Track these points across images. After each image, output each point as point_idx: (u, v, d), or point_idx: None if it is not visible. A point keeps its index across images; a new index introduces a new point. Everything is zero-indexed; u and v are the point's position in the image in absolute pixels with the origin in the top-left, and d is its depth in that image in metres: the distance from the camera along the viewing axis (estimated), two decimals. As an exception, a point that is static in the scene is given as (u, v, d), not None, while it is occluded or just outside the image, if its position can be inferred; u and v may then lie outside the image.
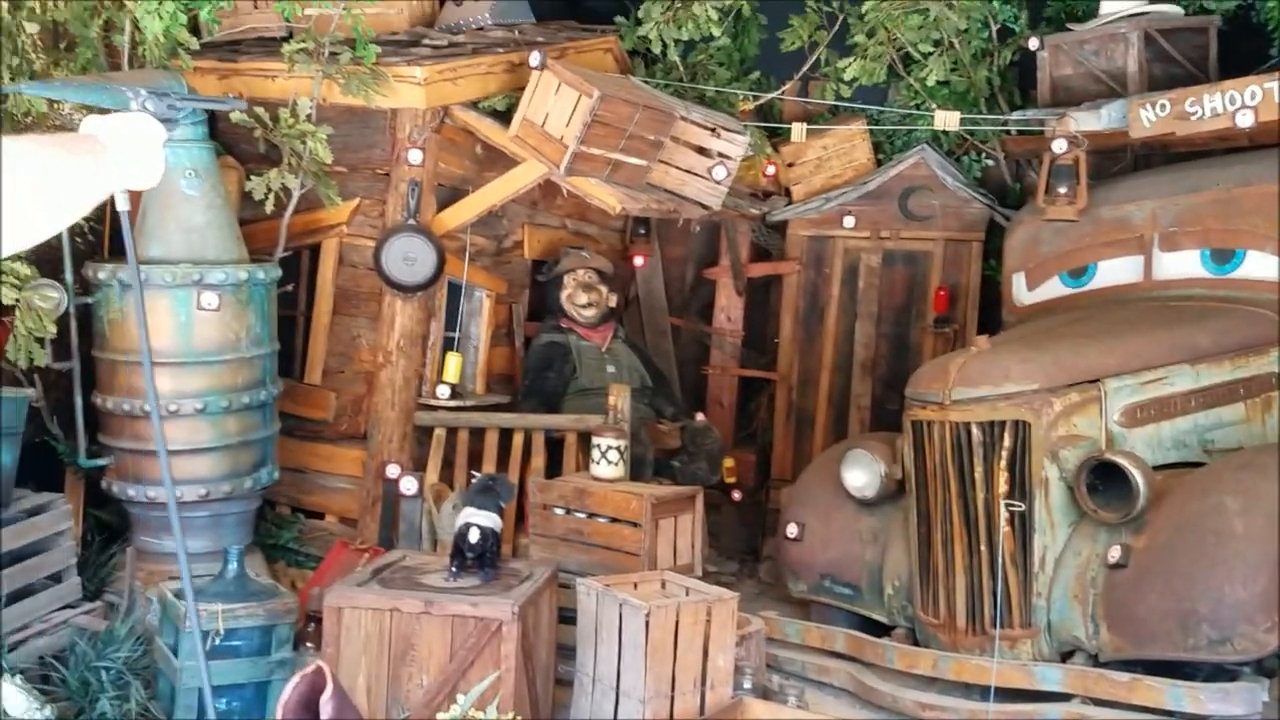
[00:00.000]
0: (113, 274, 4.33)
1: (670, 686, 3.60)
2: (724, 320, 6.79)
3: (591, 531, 4.41)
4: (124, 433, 4.44)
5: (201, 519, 4.49)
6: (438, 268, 4.83)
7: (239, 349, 4.44)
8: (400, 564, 3.85)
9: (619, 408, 4.77)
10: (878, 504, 4.65)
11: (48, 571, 4.14)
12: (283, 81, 4.75)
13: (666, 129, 4.99)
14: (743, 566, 6.21)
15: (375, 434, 4.88)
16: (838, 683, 4.47)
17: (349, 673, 3.48)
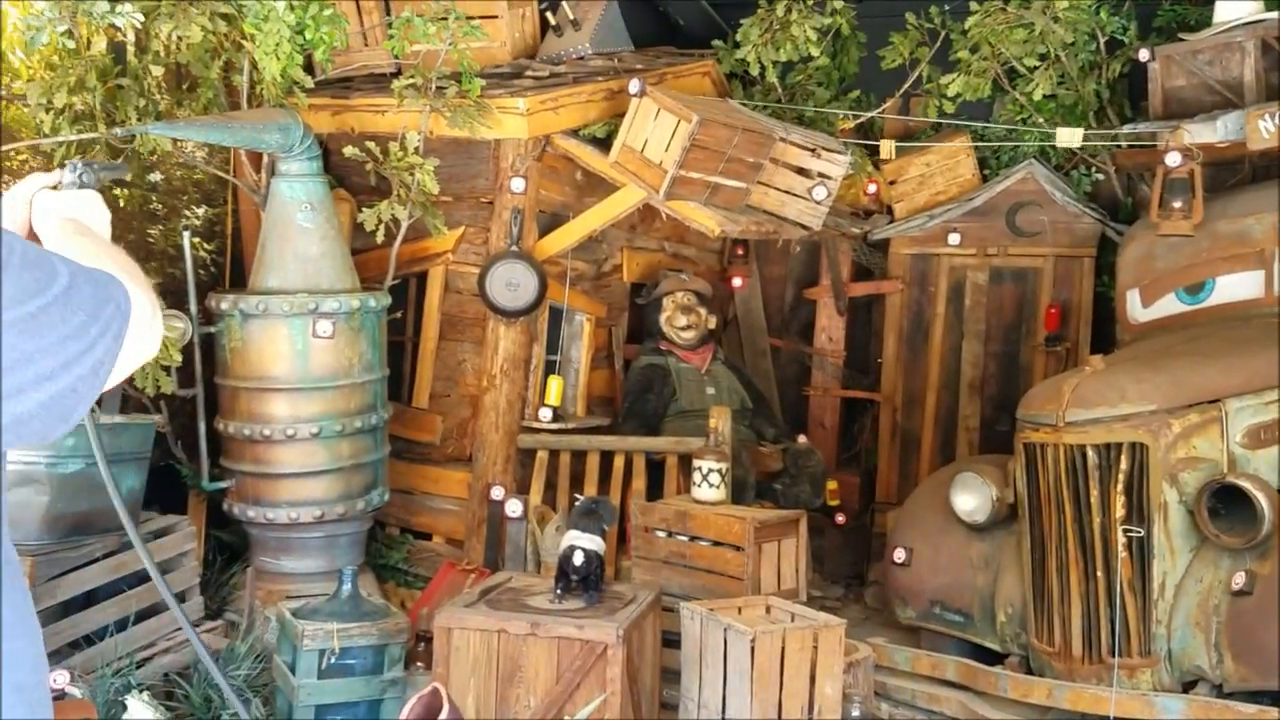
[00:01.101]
0: (234, 304, 4.50)
1: (777, 713, 3.57)
2: (825, 340, 6.73)
3: (694, 555, 4.41)
4: (245, 457, 4.59)
5: (316, 540, 4.61)
6: (539, 293, 4.90)
7: (352, 375, 4.57)
8: (507, 585, 3.90)
9: (719, 430, 4.76)
10: (989, 529, 4.54)
11: (173, 591, 4.28)
12: (392, 116, 4.89)
13: (765, 151, 4.99)
14: (848, 591, 6.12)
15: (480, 456, 4.97)
16: (949, 711, 4.37)
17: (458, 692, 3.54)
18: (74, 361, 1.14)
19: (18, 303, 1.08)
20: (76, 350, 1.14)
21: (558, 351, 5.31)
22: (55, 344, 1.11)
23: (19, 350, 1.08)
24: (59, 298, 1.13)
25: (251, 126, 4.41)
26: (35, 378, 1.10)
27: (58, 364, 1.12)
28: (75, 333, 1.14)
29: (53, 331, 1.11)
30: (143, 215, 4.78)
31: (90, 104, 4.27)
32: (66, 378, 1.13)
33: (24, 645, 1.20)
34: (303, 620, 3.80)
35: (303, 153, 4.54)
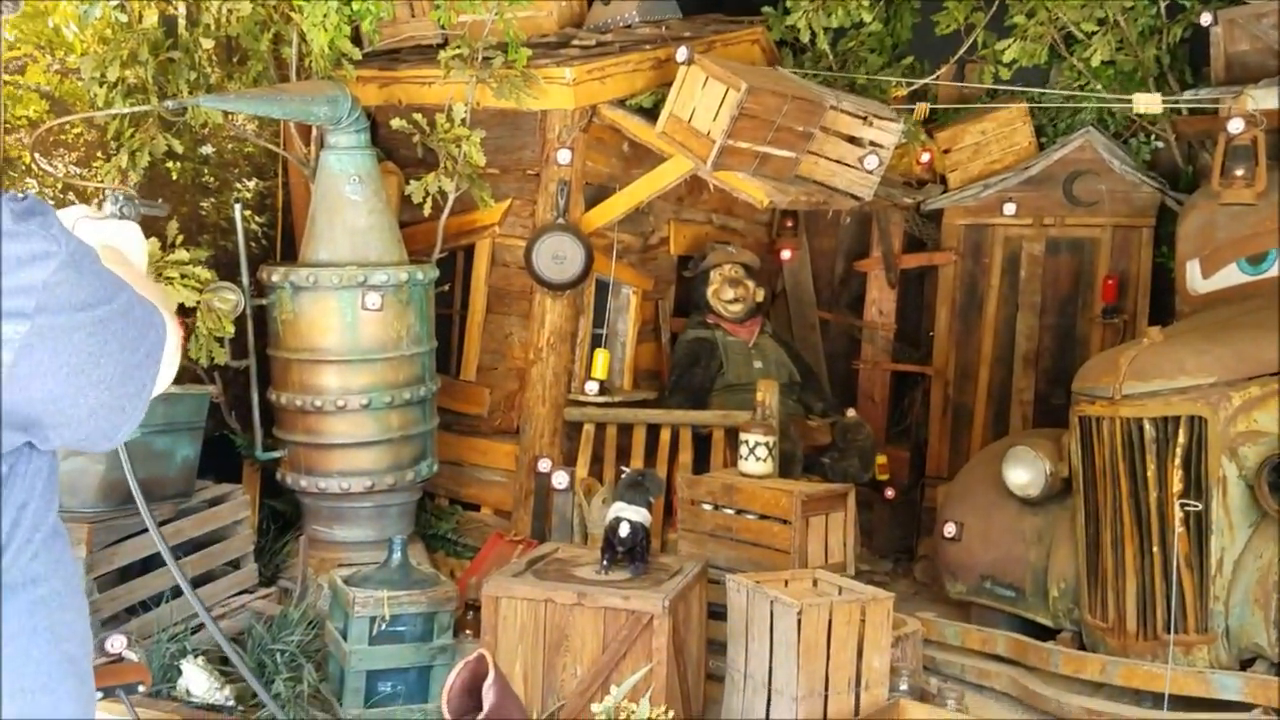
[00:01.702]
0: (285, 276, 4.53)
1: (824, 686, 3.55)
2: (875, 313, 6.65)
3: (740, 528, 4.39)
4: (297, 427, 4.64)
5: (367, 509, 4.66)
6: (586, 266, 4.89)
7: (400, 347, 4.59)
8: (554, 556, 3.91)
9: (767, 403, 4.73)
10: (1042, 503, 4.48)
11: (227, 558, 4.37)
12: (439, 87, 4.88)
13: (816, 119, 4.92)
14: (896, 566, 6.08)
15: (527, 429, 4.98)
16: (999, 687, 4.33)
17: (506, 660, 3.56)
18: (126, 376, 1.18)
19: (89, 306, 1.13)
20: (129, 364, 1.18)
21: (604, 325, 5.30)
22: (115, 353, 1.16)
23: (85, 352, 1.12)
24: (120, 311, 1.17)
25: (300, 99, 4.43)
26: (95, 381, 1.14)
27: (114, 374, 1.16)
28: (130, 346, 1.18)
29: (114, 341, 1.15)
30: (195, 188, 4.83)
31: (143, 77, 4.31)
32: (121, 390, 1.18)
33: (73, 617, 1.22)
34: (354, 588, 3.84)
35: (350, 125, 4.55)
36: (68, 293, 1.11)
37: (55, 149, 4.20)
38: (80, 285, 1.13)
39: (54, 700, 1.15)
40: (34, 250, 1.09)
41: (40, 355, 1.09)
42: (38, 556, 1.16)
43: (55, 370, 1.11)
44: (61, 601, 1.19)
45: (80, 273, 1.13)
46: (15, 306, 1.07)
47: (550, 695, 3.52)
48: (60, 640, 1.17)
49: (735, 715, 3.71)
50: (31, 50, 4.06)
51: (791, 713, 3.52)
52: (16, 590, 1.13)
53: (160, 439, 4.04)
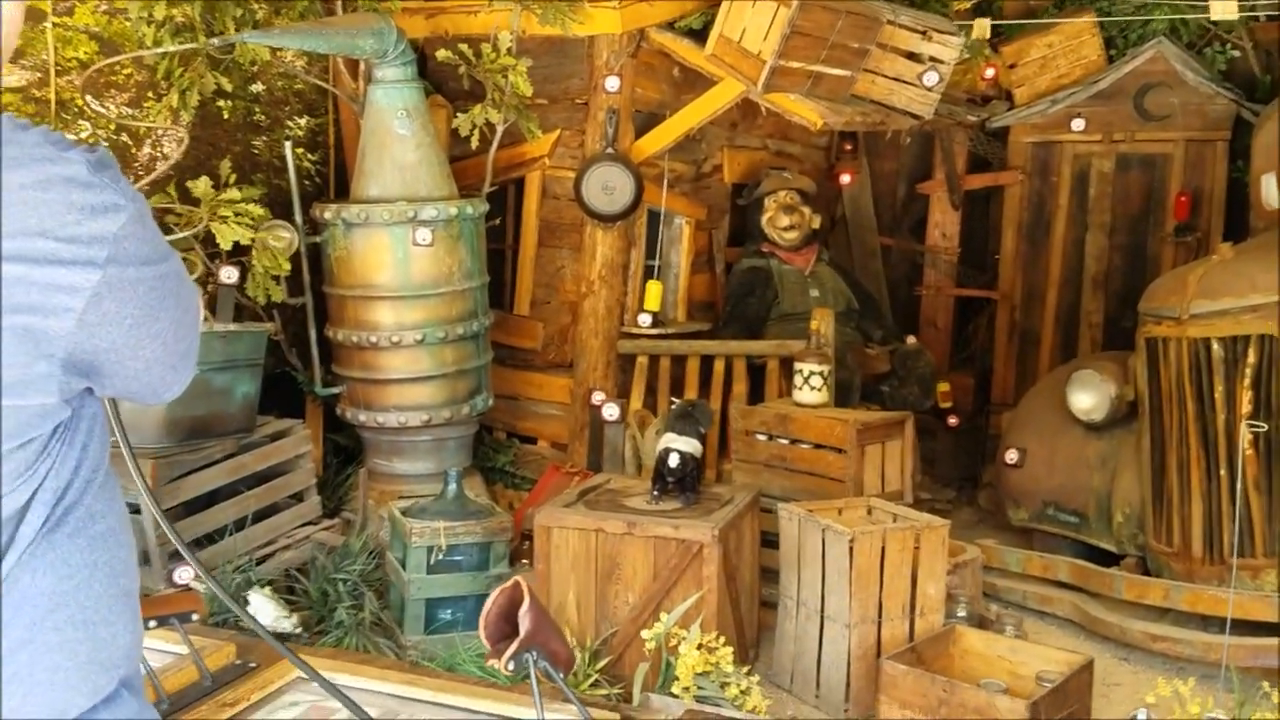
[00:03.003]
0: (337, 214, 4.54)
1: (877, 613, 3.53)
2: (938, 237, 6.49)
3: (795, 457, 4.35)
4: (353, 363, 4.69)
5: (425, 443, 4.71)
6: (636, 196, 4.82)
7: (452, 282, 4.59)
8: (606, 487, 3.92)
9: (821, 332, 4.65)
10: (1107, 428, 4.37)
11: (290, 491, 4.45)
12: (485, 16, 4.81)
13: (872, 35, 4.76)
14: (960, 494, 6.00)
15: (580, 362, 4.97)
16: (1061, 613, 4.27)
17: (559, 588, 3.60)
18: (179, 335, 1.21)
19: (152, 262, 1.16)
20: (183, 323, 1.22)
21: (657, 256, 5.24)
22: (171, 310, 1.19)
23: (146, 306, 1.15)
24: (176, 271, 1.21)
25: (345, 32, 4.40)
26: (153, 335, 1.17)
27: (170, 330, 1.19)
28: (183, 306, 1.22)
29: (170, 298, 1.19)
30: (246, 126, 4.86)
31: (190, 15, 4.31)
32: (175, 347, 1.21)
33: (126, 554, 1.26)
34: (411, 519, 3.90)
35: (397, 58, 4.51)
36: (135, 247, 1.14)
37: (107, 90, 4.24)
38: (145, 240, 1.15)
39: (113, 632, 1.19)
40: (106, 202, 1.11)
41: (108, 305, 1.12)
42: (98, 494, 1.20)
43: (120, 320, 1.13)
44: (118, 539, 1.23)
45: (145, 228, 1.16)
46: (88, 255, 1.09)
47: (604, 622, 3.55)
48: (117, 575, 1.21)
49: (789, 642, 3.72)
50: (78, -8, 4.09)
51: (844, 639, 3.52)
52: (82, 527, 1.18)
53: (220, 376, 4.10)
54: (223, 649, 2.38)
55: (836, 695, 3.55)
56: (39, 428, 1.12)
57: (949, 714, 3.06)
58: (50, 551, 1.14)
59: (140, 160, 4.38)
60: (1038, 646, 3.48)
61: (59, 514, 1.15)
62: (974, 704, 3.03)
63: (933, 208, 6.51)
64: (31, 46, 3.91)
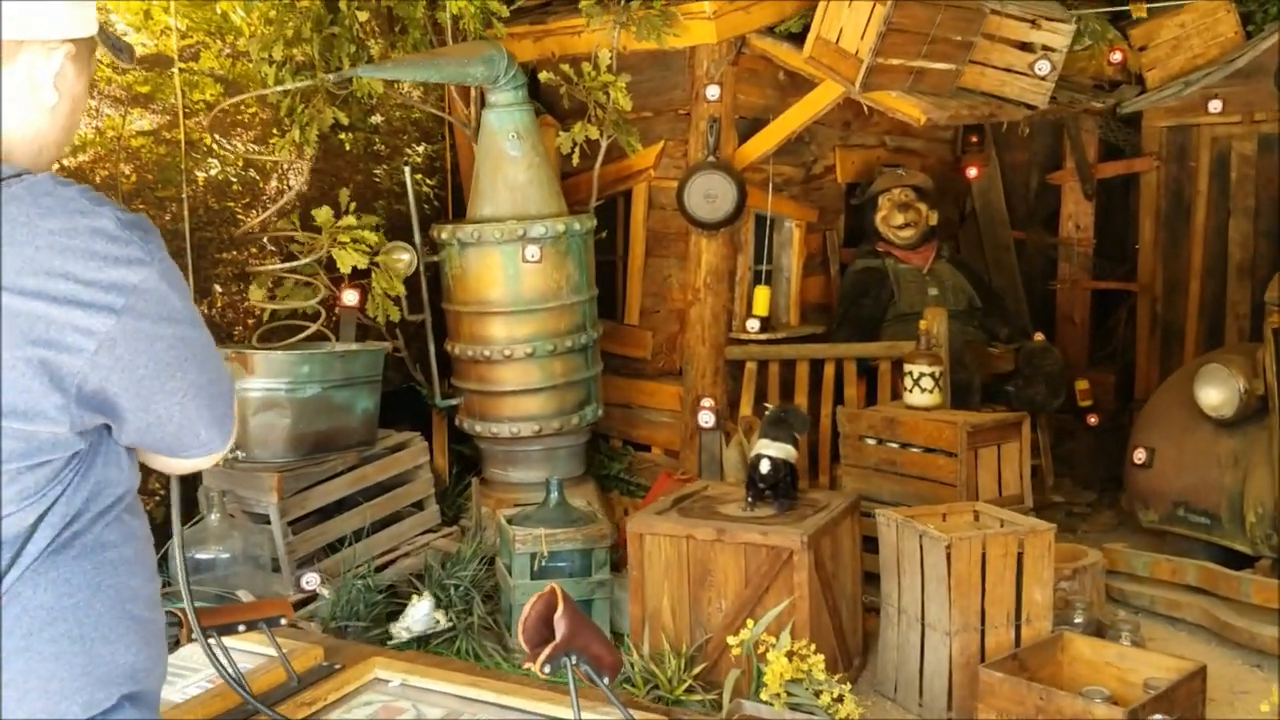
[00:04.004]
0: (452, 234, 4.72)
1: (980, 620, 3.45)
2: (1072, 229, 6.26)
3: (905, 462, 4.28)
4: (470, 376, 4.86)
5: (538, 452, 4.84)
6: (739, 203, 4.83)
7: (561, 297, 4.70)
8: (702, 494, 3.95)
9: (933, 332, 4.55)
10: (1238, 424, 4.14)
11: (410, 500, 4.65)
12: (587, 35, 4.92)
13: (975, 27, 4.65)
14: (1102, 496, 5.75)
15: (689, 369, 5.01)
16: (1191, 618, 4.07)
17: (653, 595, 3.65)
18: (202, 401, 1.31)
19: (173, 321, 1.26)
20: (208, 391, 1.32)
21: (767, 260, 5.23)
22: (192, 374, 1.29)
23: (162, 363, 1.26)
24: (202, 340, 1.31)
25: (457, 61, 4.57)
26: (167, 392, 1.27)
27: (187, 392, 1.29)
28: (210, 375, 1.32)
29: (192, 362, 1.29)
30: (367, 156, 5.10)
31: (309, 54, 4.57)
32: (194, 411, 1.31)
33: (140, 583, 1.35)
34: (515, 526, 4.02)
35: (508, 83, 4.64)
36: (155, 302, 1.23)
37: (233, 129, 4.54)
38: (166, 299, 1.24)
39: (113, 650, 1.28)
40: (130, 255, 1.21)
41: (120, 351, 1.21)
42: (111, 526, 1.30)
43: (131, 368, 1.22)
44: (130, 568, 1.32)
45: (170, 287, 1.25)
46: (106, 301, 1.19)
47: (698, 628, 3.58)
48: (124, 600, 1.30)
49: (892, 650, 3.66)
50: (203, 37, 4.38)
51: (945, 647, 3.45)
52: (89, 552, 1.28)
53: (339, 393, 4.33)
54: (310, 651, 2.52)
55: (939, 704, 3.48)
56: (50, 454, 1.22)
57: (1046, 723, 2.96)
58: (53, 570, 1.24)
59: (268, 193, 4.66)
60: (1149, 653, 3.32)
61: (66, 537, 1.25)
62: (1071, 711, 2.93)
63: (1065, 198, 6.28)
64: (161, 91, 4.22)
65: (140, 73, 4.18)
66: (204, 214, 4.44)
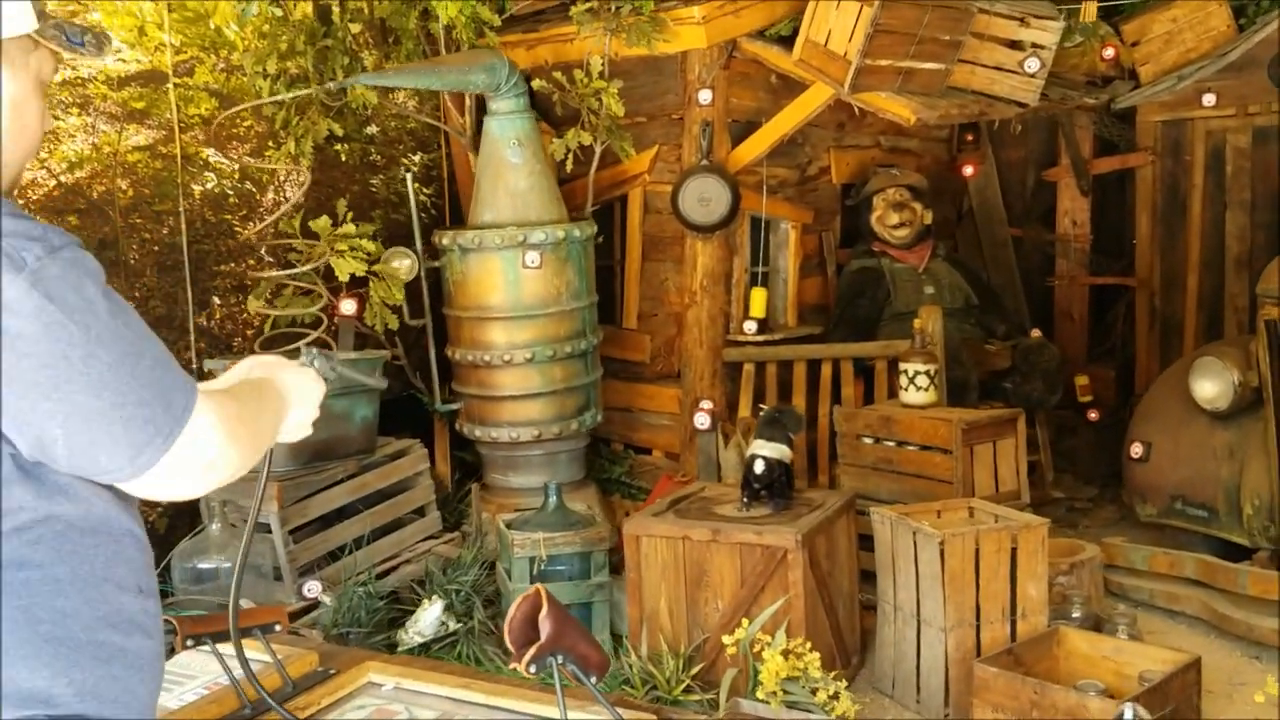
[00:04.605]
0: (453, 240, 4.75)
1: (975, 616, 3.46)
2: (1069, 225, 6.28)
3: (901, 460, 4.30)
4: (470, 381, 4.89)
5: (538, 457, 4.86)
6: (733, 205, 4.85)
7: (560, 302, 4.73)
8: (699, 495, 3.97)
9: (928, 331, 4.57)
10: (1233, 416, 4.15)
11: (412, 507, 4.68)
12: (579, 42, 4.95)
13: (963, 26, 4.67)
14: (1103, 491, 5.75)
15: (687, 372, 5.03)
16: (1190, 611, 4.08)
17: (650, 596, 3.67)
18: (107, 419, 1.22)
19: (47, 339, 1.19)
20: (109, 413, 1.22)
21: (764, 262, 5.25)
22: (78, 394, 1.20)
23: (36, 382, 1.19)
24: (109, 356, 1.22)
25: (458, 69, 4.60)
26: (46, 413, 1.20)
27: (71, 412, 1.20)
28: (120, 394, 1.22)
29: (78, 382, 1.20)
30: (364, 167, 5.14)
31: (303, 66, 4.61)
32: (96, 429, 1.22)
33: (66, 604, 1.29)
34: (514, 531, 4.05)
35: (510, 90, 4.67)
36: (26, 319, 1.17)
37: (229, 142, 4.58)
38: (40, 317, 1.17)
39: (14, 673, 1.24)
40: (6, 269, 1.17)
41: None
42: (35, 545, 1.26)
43: (15, 380, 1.17)
44: (57, 589, 1.27)
45: (54, 305, 1.18)
46: None
47: (695, 628, 3.60)
48: (37, 621, 1.25)
49: (888, 646, 3.68)
50: (197, 53, 4.43)
51: (941, 643, 3.46)
52: None
53: (338, 401, 4.35)
54: (305, 657, 2.55)
55: (936, 700, 3.50)
56: None
57: (1040, 716, 2.97)
58: None
59: (265, 205, 4.70)
60: (1144, 646, 3.34)
61: None
62: (1065, 705, 2.94)
63: (1061, 195, 6.30)
64: (156, 107, 4.27)
65: (136, 88, 4.23)
66: (201, 227, 4.49)
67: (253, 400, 1.47)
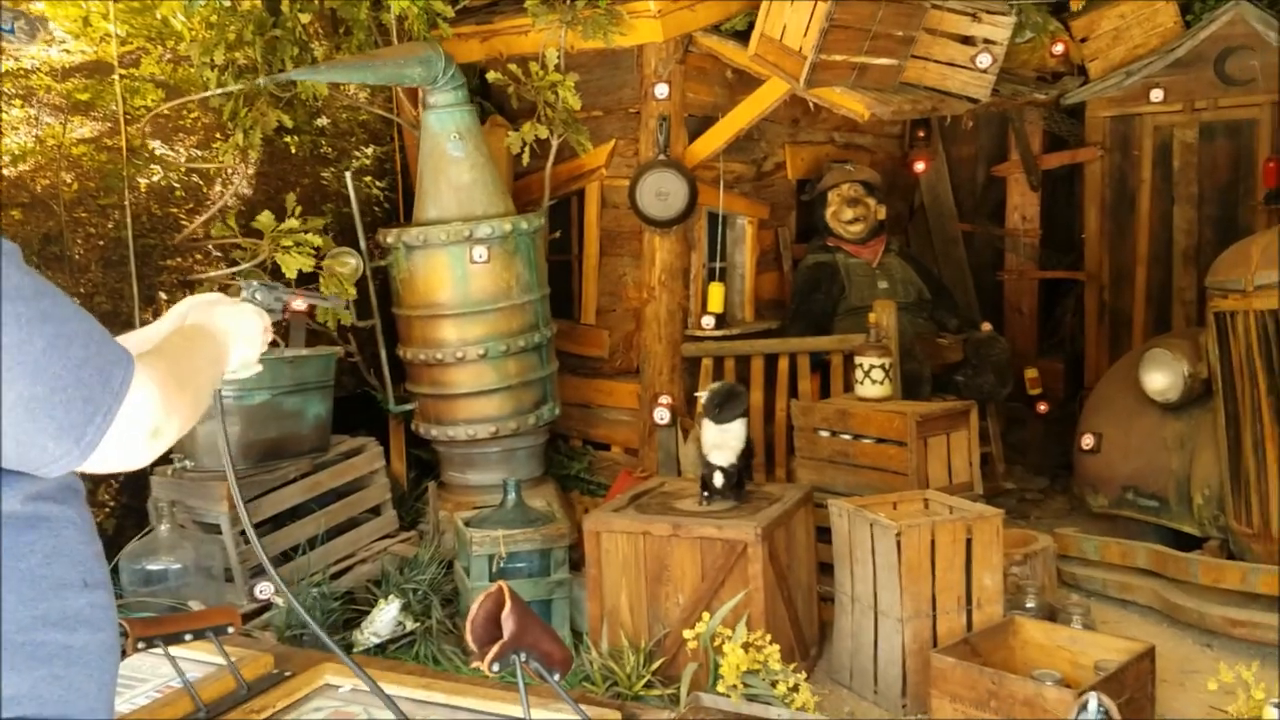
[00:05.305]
0: (398, 237, 4.69)
1: (931, 606, 3.48)
2: (1018, 220, 6.34)
3: (857, 453, 4.32)
4: (423, 380, 4.84)
5: (495, 454, 4.82)
6: (690, 200, 4.85)
7: (511, 296, 4.68)
8: (659, 490, 3.96)
9: (882, 325, 4.60)
10: (1183, 407, 4.21)
11: (367, 506, 4.62)
12: (535, 35, 4.91)
13: (916, 22, 4.69)
14: (1053, 482, 5.83)
15: (646, 367, 5.02)
16: (1142, 600, 4.13)
17: (611, 592, 3.65)
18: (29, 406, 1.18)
19: None
20: (60, 391, 1.19)
21: (721, 257, 5.25)
22: (26, 376, 1.16)
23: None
24: (33, 341, 1.18)
25: (393, 62, 4.53)
26: None
27: (17, 398, 1.17)
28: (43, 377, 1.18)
29: (25, 361, 1.16)
30: (314, 159, 5.06)
31: (251, 57, 4.53)
32: (31, 411, 1.18)
33: (86, 594, 1.29)
34: (472, 529, 4.01)
35: (447, 83, 4.62)
36: None
37: (176, 135, 4.49)
38: None
39: None
40: None
41: None
42: None
43: None
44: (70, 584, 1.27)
45: None
46: None
47: (656, 624, 3.59)
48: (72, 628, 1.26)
49: (846, 638, 3.69)
50: (143, 43, 4.34)
51: (898, 634, 3.48)
52: None
53: (290, 399, 4.29)
54: (260, 659, 2.50)
55: (894, 690, 3.51)
56: None
57: (998, 706, 3.00)
58: None
59: (212, 198, 4.62)
60: (1099, 636, 3.37)
61: None
62: (1023, 695, 2.96)
63: (1010, 190, 6.36)
64: (101, 98, 4.17)
65: (80, 80, 4.12)
66: (147, 221, 4.39)
67: (187, 356, 1.44)
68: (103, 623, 1.36)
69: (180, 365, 1.38)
